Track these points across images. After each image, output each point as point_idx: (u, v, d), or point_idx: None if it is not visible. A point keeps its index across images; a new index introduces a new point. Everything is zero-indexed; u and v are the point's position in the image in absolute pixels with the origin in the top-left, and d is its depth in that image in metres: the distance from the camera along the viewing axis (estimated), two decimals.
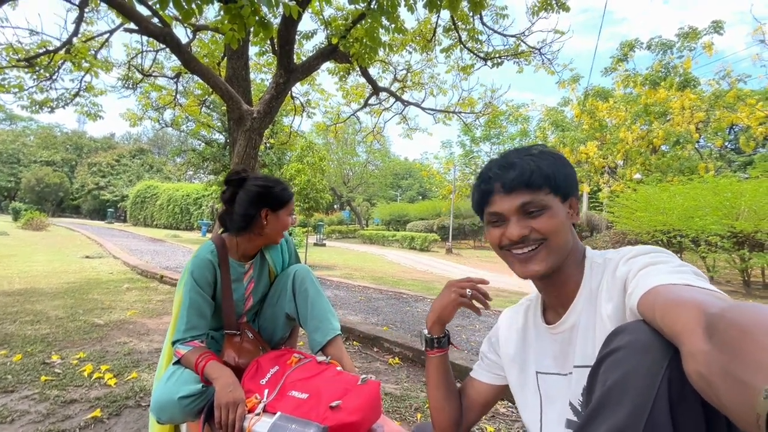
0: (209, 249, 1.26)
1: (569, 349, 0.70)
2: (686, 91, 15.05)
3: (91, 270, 6.34)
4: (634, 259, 0.62)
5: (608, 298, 0.63)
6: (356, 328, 3.30)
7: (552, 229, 0.68)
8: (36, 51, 4.14)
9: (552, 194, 0.69)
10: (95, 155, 40.94)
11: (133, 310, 3.75)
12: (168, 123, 11.06)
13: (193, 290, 1.19)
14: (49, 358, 2.40)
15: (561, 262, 0.70)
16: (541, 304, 0.80)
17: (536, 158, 0.70)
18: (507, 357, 0.82)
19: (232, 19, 2.30)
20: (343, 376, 1.05)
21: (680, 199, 9.36)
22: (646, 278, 0.56)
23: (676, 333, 0.45)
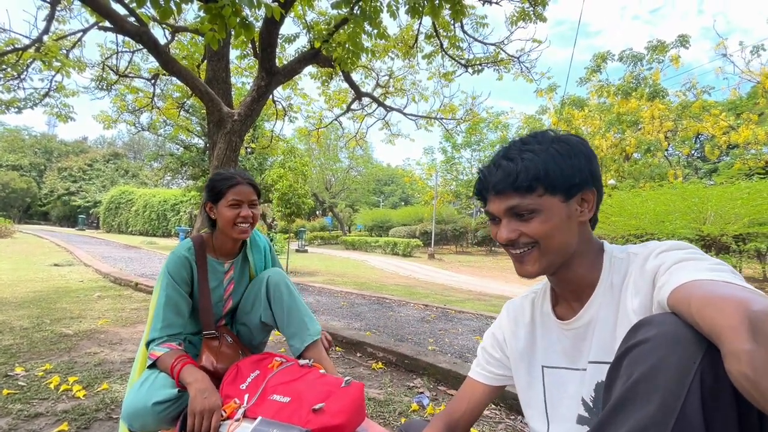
0: (186, 246, 1.24)
1: (583, 344, 0.68)
2: (656, 102, 15.75)
3: (59, 278, 6.05)
4: (666, 253, 0.59)
5: (635, 292, 0.60)
6: (339, 334, 3.26)
7: (542, 233, 0.64)
8: (3, 49, 3.96)
9: (548, 194, 0.64)
10: (66, 159, 39.34)
11: (105, 319, 3.59)
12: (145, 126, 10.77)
13: (170, 286, 1.16)
14: (12, 370, 2.26)
15: (558, 262, 0.67)
16: (551, 297, 0.76)
17: (532, 154, 0.65)
18: (515, 353, 0.79)
19: (212, 19, 2.26)
20: (326, 379, 1.03)
21: (652, 204, 9.74)
22: (680, 272, 0.52)
23: (715, 330, 0.42)
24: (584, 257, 0.68)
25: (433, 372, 2.61)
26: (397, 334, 3.64)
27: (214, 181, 1.26)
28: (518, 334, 0.79)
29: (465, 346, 3.31)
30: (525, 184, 0.64)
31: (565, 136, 0.69)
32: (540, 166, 0.64)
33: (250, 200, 1.24)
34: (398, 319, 4.34)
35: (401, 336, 3.59)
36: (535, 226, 0.65)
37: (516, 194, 0.65)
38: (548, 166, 0.64)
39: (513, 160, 0.66)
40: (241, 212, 1.21)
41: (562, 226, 0.65)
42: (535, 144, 0.67)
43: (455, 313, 4.89)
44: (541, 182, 0.64)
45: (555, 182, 0.64)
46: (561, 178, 0.64)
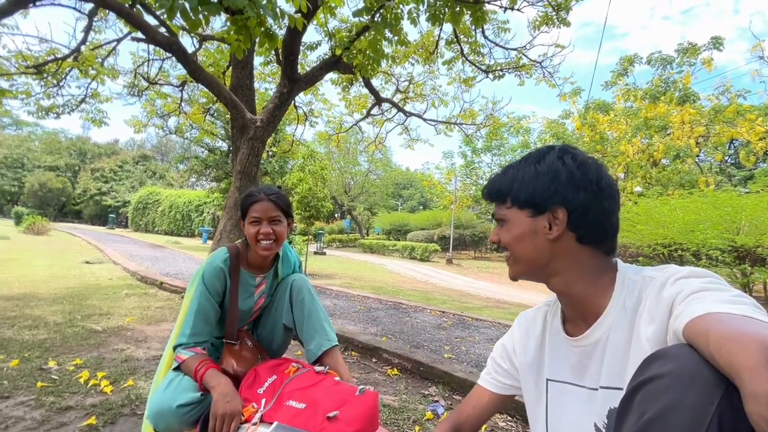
0: (223, 257, 1.26)
1: (589, 362, 0.68)
2: (686, 106, 15.18)
3: (90, 275, 6.33)
4: (685, 280, 0.57)
5: (650, 319, 0.58)
6: (355, 338, 3.28)
7: (508, 241, 0.72)
8: (45, 58, 4.21)
9: (515, 207, 0.71)
10: (98, 161, 41.19)
11: (132, 317, 3.73)
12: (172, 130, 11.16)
13: (203, 296, 1.19)
14: (46, 364, 2.39)
15: (528, 271, 0.72)
16: (561, 312, 0.77)
17: (514, 170, 0.73)
18: (524, 365, 0.79)
19: (238, 30, 2.34)
20: (340, 387, 1.04)
21: (681, 213, 9.36)
22: (699, 303, 0.50)
23: (734, 368, 0.40)
24: (576, 275, 0.68)
25: (448, 380, 2.59)
26: (413, 341, 3.63)
27: (242, 199, 1.29)
28: (528, 346, 0.80)
29: (482, 356, 3.27)
30: (495, 195, 0.75)
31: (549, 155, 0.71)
32: (508, 182, 0.72)
33: (269, 217, 1.23)
34: (414, 325, 4.33)
35: (417, 342, 3.58)
36: (503, 234, 0.73)
37: (496, 204, 0.75)
38: (515, 182, 0.71)
39: (502, 173, 0.76)
40: (260, 229, 1.22)
41: (526, 239, 0.70)
42: (523, 160, 0.74)
43: (472, 320, 4.84)
44: (508, 195, 0.72)
45: (520, 196, 0.71)
46: (527, 195, 0.70)
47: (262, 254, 1.25)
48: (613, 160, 16.60)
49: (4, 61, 4.16)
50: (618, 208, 0.70)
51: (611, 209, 0.68)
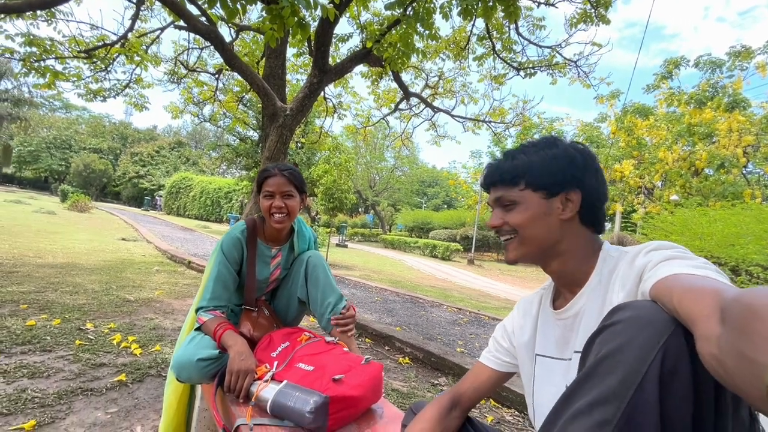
0: (240, 228, 1.35)
1: (571, 335, 0.72)
2: (735, 113, 14.27)
3: (125, 251, 6.72)
4: (655, 251, 0.62)
5: (621, 286, 0.63)
6: (370, 326, 3.35)
7: (520, 223, 0.73)
8: (95, 44, 4.49)
9: (529, 189, 0.73)
10: (138, 145, 43.19)
11: (161, 291, 3.96)
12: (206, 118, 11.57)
13: (222, 263, 1.28)
14: (84, 325, 2.58)
15: (535, 252, 0.74)
16: (553, 290, 0.81)
17: (524, 155, 0.74)
18: (521, 345, 0.83)
19: (272, 19, 2.43)
20: (348, 355, 1.10)
21: (720, 225, 8.87)
22: (665, 267, 0.55)
23: (691, 317, 0.45)
24: (575, 254, 0.73)
25: (458, 372, 2.61)
26: (427, 333, 3.66)
27: (258, 174, 1.37)
28: (525, 326, 0.84)
29: None
30: (508, 177, 0.74)
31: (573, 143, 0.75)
32: (525, 163, 0.73)
33: (282, 191, 1.28)
34: (430, 319, 4.35)
35: (431, 335, 3.61)
36: (514, 216, 0.74)
37: (501, 187, 0.76)
38: (532, 165, 0.73)
39: (507, 158, 0.77)
40: (273, 203, 1.28)
41: (539, 220, 0.72)
42: (531, 147, 0.76)
43: (489, 319, 4.81)
44: (523, 177, 0.73)
45: (535, 180, 0.72)
46: (542, 176, 0.72)
47: (276, 227, 1.31)
48: (650, 167, 15.86)
49: (59, 45, 4.47)
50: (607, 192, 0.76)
51: (606, 194, 0.75)
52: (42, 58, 4.23)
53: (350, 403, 0.94)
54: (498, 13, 3.77)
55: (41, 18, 4.16)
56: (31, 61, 4.14)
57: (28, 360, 1.96)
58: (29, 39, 4.03)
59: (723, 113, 14.41)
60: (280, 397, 0.92)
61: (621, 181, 16.64)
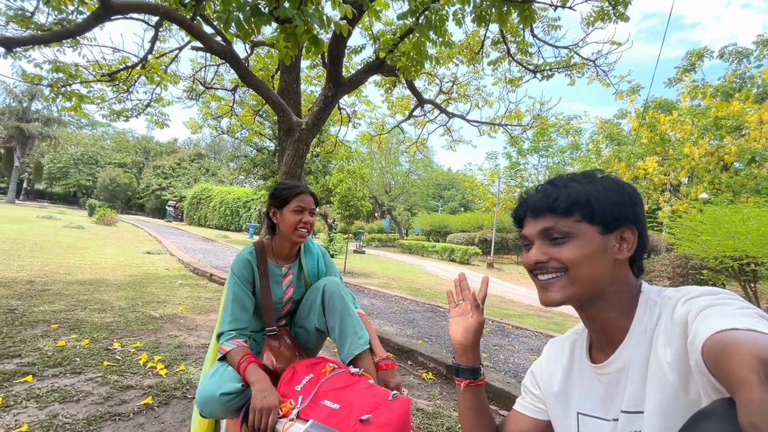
0: (249, 250, 1.38)
1: (616, 392, 0.66)
2: (766, 104, 13.64)
3: (150, 265, 6.88)
4: (694, 300, 0.57)
5: (666, 342, 0.58)
6: (391, 340, 3.30)
7: (574, 259, 0.64)
8: (117, 67, 4.65)
9: (585, 222, 0.65)
10: (160, 158, 44.60)
11: (184, 306, 4.02)
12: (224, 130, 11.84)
13: (236, 285, 1.30)
14: (111, 345, 2.64)
15: (584, 295, 0.66)
16: (588, 339, 0.75)
17: (578, 184, 0.67)
18: (550, 394, 0.78)
19: (286, 37, 2.44)
20: (374, 390, 1.07)
21: (755, 224, 8.43)
22: (706, 322, 0.51)
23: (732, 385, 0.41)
24: (617, 300, 0.66)
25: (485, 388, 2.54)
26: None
27: (281, 189, 1.38)
28: (554, 375, 0.78)
29: (521, 366, 3.16)
30: (563, 206, 0.65)
31: (616, 177, 0.70)
32: (583, 192, 0.66)
33: (310, 208, 1.37)
34: None
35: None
36: (567, 251, 0.65)
37: (552, 216, 0.66)
38: (591, 195, 0.65)
39: (557, 186, 0.68)
40: (303, 218, 1.34)
41: (596, 258, 0.64)
42: (582, 177, 0.69)
43: (512, 328, 4.69)
44: (580, 208, 0.65)
45: (595, 211, 0.65)
46: (602, 208, 0.65)
47: (297, 241, 1.36)
48: (676, 164, 15.30)
49: (83, 70, 4.64)
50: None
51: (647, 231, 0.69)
52: (68, 83, 4.41)
53: None
54: (513, 18, 3.71)
55: (66, 45, 4.33)
56: (58, 86, 4.31)
57: (59, 383, 2.00)
58: (56, 65, 4.21)
59: (752, 105, 13.80)
60: None
61: (645, 179, 16.12)
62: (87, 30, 2.76)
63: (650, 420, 0.57)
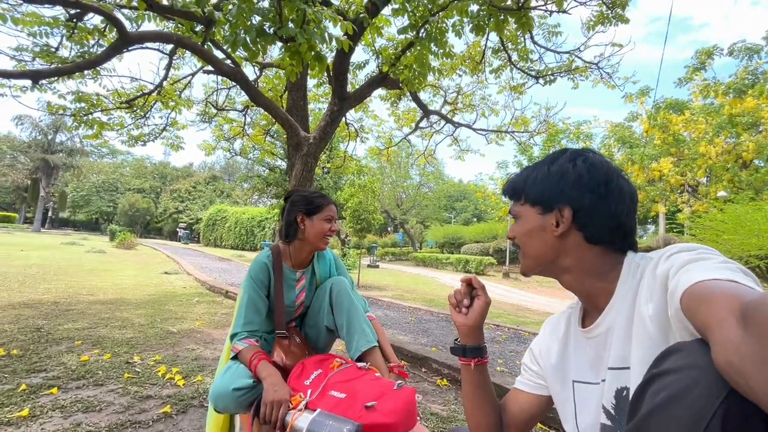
0: (266, 254, 1.43)
1: (604, 353, 0.68)
2: None
3: (168, 284, 7.04)
4: (675, 255, 0.58)
5: (648, 297, 0.59)
6: (405, 348, 3.29)
7: (518, 236, 0.76)
8: (134, 94, 4.90)
9: (527, 204, 0.75)
10: (176, 183, 45.88)
11: (201, 321, 4.10)
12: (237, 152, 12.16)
13: (252, 288, 1.34)
14: (131, 358, 2.71)
15: (539, 267, 0.75)
16: (580, 310, 0.78)
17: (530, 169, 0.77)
18: (549, 367, 0.79)
19: (291, 55, 2.56)
20: (380, 381, 1.09)
21: None
22: (687, 274, 0.52)
23: (706, 324, 0.43)
24: (586, 271, 0.70)
25: (499, 394, 2.49)
26: None
27: (315, 197, 1.44)
28: (551, 348, 0.80)
29: None
30: (510, 192, 0.79)
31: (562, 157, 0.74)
32: (521, 179, 0.77)
33: (336, 218, 1.46)
34: None
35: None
36: (515, 229, 0.77)
37: (512, 200, 0.80)
38: (529, 180, 0.75)
39: (519, 173, 0.80)
40: (331, 227, 1.42)
41: (535, 235, 0.74)
42: (540, 162, 0.78)
43: (528, 335, 4.61)
44: (522, 193, 0.76)
45: (529, 195, 0.75)
46: (533, 191, 0.74)
47: (322, 248, 1.44)
48: (692, 163, 14.98)
49: (104, 99, 4.90)
50: (630, 210, 0.70)
51: (620, 211, 0.69)
52: (90, 112, 4.65)
53: (384, 431, 0.92)
54: (511, 26, 3.78)
55: (88, 76, 4.60)
56: (80, 115, 4.56)
57: (83, 395, 2.07)
58: (78, 96, 4.46)
59: (766, 100, 13.50)
60: (313, 426, 0.92)
61: (661, 180, 15.80)
62: (107, 60, 2.95)
63: (635, 374, 0.58)
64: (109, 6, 3.00)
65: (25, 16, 3.45)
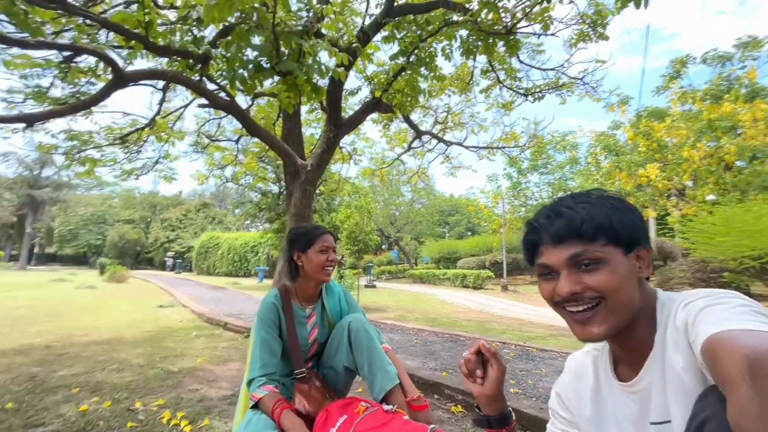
0: (274, 294, 1.41)
1: (646, 408, 0.65)
2: (756, 102, 13.84)
3: (164, 318, 6.86)
4: (692, 303, 0.57)
5: (675, 348, 0.58)
6: (415, 374, 3.21)
7: (610, 286, 0.61)
8: (127, 129, 4.88)
9: (610, 245, 0.62)
10: (166, 212, 45.38)
11: (202, 357, 3.97)
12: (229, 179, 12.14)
13: (263, 330, 1.32)
14: (133, 404, 2.60)
15: (624, 322, 0.63)
16: (610, 356, 0.73)
17: (589, 205, 0.65)
18: (582, 418, 0.75)
19: (288, 88, 2.59)
20: (411, 426, 1.05)
21: None
22: (702, 325, 0.51)
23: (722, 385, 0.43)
24: (643, 317, 0.65)
25: (517, 418, 2.44)
26: None
27: (303, 233, 1.43)
28: (583, 397, 0.76)
29: (550, 389, 3.05)
30: (590, 231, 0.62)
31: (615, 193, 0.70)
32: (604, 215, 0.63)
33: (333, 247, 1.44)
34: None
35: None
36: (600, 278, 0.61)
37: (579, 241, 0.62)
38: (611, 217, 0.63)
39: (572, 208, 0.65)
40: (329, 257, 1.39)
41: (628, 281, 0.62)
42: (587, 198, 0.67)
43: (537, 351, 4.55)
44: (605, 231, 0.62)
45: (618, 233, 0.62)
46: (624, 229, 0.63)
47: (325, 279, 1.41)
48: (677, 168, 15.33)
49: (96, 135, 4.88)
50: None
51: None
52: (82, 150, 4.62)
53: None
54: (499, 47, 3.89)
55: (80, 114, 4.58)
56: (72, 153, 4.52)
57: None
58: (70, 135, 4.43)
59: (743, 105, 14.00)
60: None
61: (649, 186, 16.11)
62: (102, 100, 2.95)
63: (678, 429, 0.56)
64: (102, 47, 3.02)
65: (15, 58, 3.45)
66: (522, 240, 0.72)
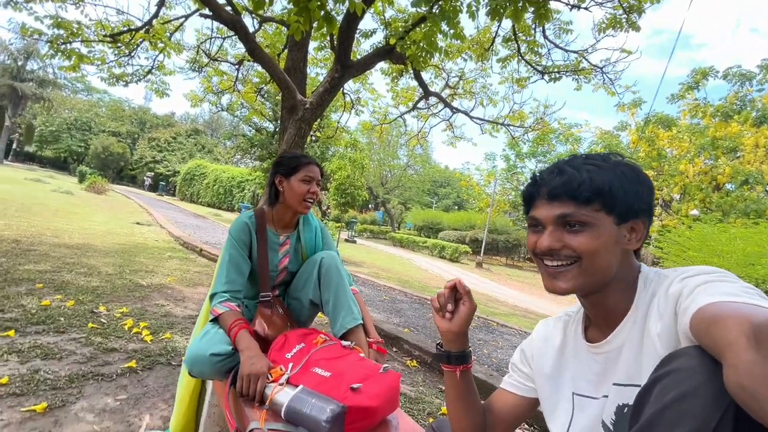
0: (248, 215, 1.39)
1: (611, 369, 0.66)
2: (763, 128, 13.85)
3: (140, 235, 6.80)
4: (691, 278, 0.57)
5: (658, 316, 0.59)
6: (378, 326, 3.31)
7: (588, 249, 0.62)
8: (120, 29, 4.52)
9: (603, 212, 0.63)
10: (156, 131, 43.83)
11: (173, 277, 3.98)
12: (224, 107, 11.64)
13: (233, 247, 1.30)
14: (96, 308, 2.61)
15: (594, 284, 0.64)
16: (584, 320, 0.75)
17: (596, 168, 0.64)
18: (541, 373, 0.78)
19: (299, 11, 2.39)
20: (365, 363, 1.07)
21: (741, 243, 8.62)
22: (700, 296, 0.51)
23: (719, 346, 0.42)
24: (620, 284, 0.66)
25: None
26: (435, 336, 3.62)
27: (289, 158, 1.37)
28: (546, 356, 0.78)
29: (504, 360, 3.21)
30: (586, 194, 0.62)
31: (632, 162, 0.68)
32: (605, 181, 0.63)
33: (317, 179, 1.38)
34: None
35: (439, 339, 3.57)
36: (582, 240, 0.63)
37: (572, 202, 0.63)
38: (613, 184, 0.63)
39: (577, 169, 0.65)
40: (311, 188, 1.35)
41: (609, 248, 0.63)
42: (600, 161, 0.66)
43: (497, 326, 4.75)
44: (601, 197, 0.62)
45: (615, 201, 0.63)
46: (622, 199, 0.63)
47: (303, 211, 1.38)
48: (669, 180, 15.50)
49: (85, 29, 4.51)
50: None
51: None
52: (69, 41, 4.28)
53: (367, 414, 0.91)
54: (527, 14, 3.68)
55: (70, 2, 4.20)
56: (58, 43, 4.18)
57: (42, 341, 1.98)
58: (57, 21, 4.08)
59: (750, 128, 14.00)
60: (295, 402, 0.89)
61: None
62: None
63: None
64: None
65: None
66: (522, 191, 0.74)
